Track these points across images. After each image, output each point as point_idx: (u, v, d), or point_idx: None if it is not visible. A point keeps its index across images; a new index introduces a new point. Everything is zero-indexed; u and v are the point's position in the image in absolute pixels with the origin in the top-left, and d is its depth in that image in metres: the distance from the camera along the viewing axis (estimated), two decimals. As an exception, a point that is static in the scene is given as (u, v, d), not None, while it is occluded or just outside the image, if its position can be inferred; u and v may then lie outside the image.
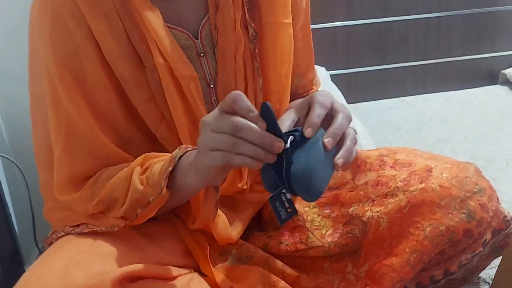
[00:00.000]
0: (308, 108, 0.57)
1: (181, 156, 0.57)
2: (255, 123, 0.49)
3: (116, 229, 0.60)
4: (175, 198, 0.59)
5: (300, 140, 0.53)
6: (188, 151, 0.57)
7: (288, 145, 0.51)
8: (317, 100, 0.56)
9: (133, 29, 0.62)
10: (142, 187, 0.58)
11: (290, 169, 0.51)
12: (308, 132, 0.53)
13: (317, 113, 0.55)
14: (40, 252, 1.21)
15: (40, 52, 0.63)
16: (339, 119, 0.55)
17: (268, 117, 0.50)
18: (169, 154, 0.58)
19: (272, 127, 0.50)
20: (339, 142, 0.56)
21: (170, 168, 0.56)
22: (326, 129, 0.56)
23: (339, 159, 0.54)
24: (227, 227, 0.68)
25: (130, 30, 0.62)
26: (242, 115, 0.50)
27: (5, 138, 1.17)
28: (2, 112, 1.16)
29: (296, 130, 0.54)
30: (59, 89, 0.61)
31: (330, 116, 0.56)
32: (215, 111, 0.51)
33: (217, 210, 0.61)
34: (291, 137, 0.52)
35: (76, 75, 0.61)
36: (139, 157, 0.61)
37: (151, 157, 0.61)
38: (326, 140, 0.53)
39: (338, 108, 0.57)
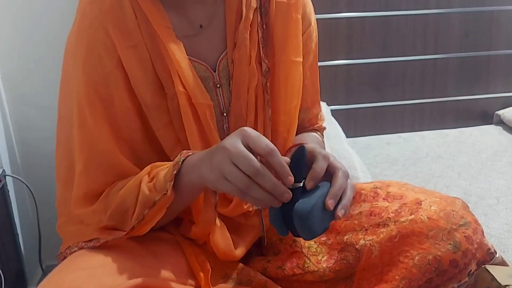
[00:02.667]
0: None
1: (183, 160, 0.62)
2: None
3: (124, 234, 0.64)
4: (179, 199, 0.64)
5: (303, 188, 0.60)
6: (189, 155, 0.63)
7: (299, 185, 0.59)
8: (319, 152, 0.62)
9: (158, 59, 0.69)
10: (149, 192, 0.63)
11: (293, 209, 0.58)
12: (309, 185, 0.60)
13: (320, 166, 0.61)
14: (44, 273, 1.23)
15: (72, 77, 0.70)
16: (339, 178, 0.61)
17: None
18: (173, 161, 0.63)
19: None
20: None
21: (175, 172, 0.61)
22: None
23: (341, 210, 0.60)
24: (227, 240, 0.72)
25: (155, 61, 0.69)
26: (261, 155, 0.56)
27: (18, 160, 1.22)
28: (16, 135, 1.21)
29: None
30: (86, 112, 0.68)
31: (328, 171, 0.62)
32: (236, 141, 0.57)
33: (216, 212, 0.66)
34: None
35: (104, 99, 0.68)
36: (146, 167, 0.66)
37: (157, 166, 0.66)
38: (329, 202, 0.59)
39: (337, 164, 0.62)
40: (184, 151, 0.64)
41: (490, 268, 0.66)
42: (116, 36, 0.67)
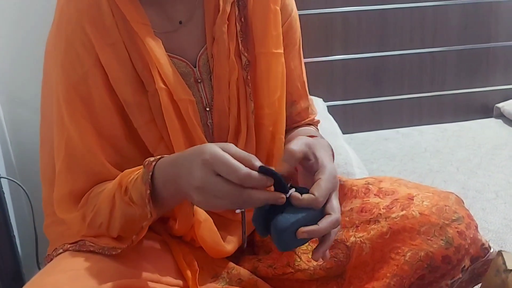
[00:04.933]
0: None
1: (152, 175, 0.60)
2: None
3: (114, 253, 0.63)
4: (162, 208, 0.64)
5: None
6: (154, 165, 0.61)
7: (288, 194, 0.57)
8: (324, 191, 0.59)
9: (137, 57, 0.69)
10: (130, 207, 0.62)
11: (275, 219, 0.57)
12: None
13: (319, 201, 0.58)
14: (41, 274, 1.23)
15: (52, 76, 0.69)
16: (329, 223, 0.58)
17: (270, 175, 0.55)
18: (141, 171, 0.62)
19: (277, 183, 0.56)
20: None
21: (149, 191, 0.60)
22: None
23: (316, 255, 0.60)
24: (214, 234, 0.71)
25: (135, 58, 0.69)
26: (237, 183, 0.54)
27: (13, 162, 1.22)
28: (11, 137, 1.21)
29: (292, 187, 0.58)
30: (64, 110, 0.67)
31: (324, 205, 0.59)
32: (209, 177, 0.54)
33: (193, 206, 0.65)
34: (291, 190, 0.57)
35: (83, 98, 0.68)
36: (115, 180, 0.65)
37: (125, 176, 0.64)
38: (301, 233, 0.56)
39: (335, 207, 0.60)
40: (147, 161, 0.61)
41: (504, 253, 0.66)
42: (94, 34, 0.67)
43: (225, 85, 0.73)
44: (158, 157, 0.62)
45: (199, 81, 0.74)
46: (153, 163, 0.61)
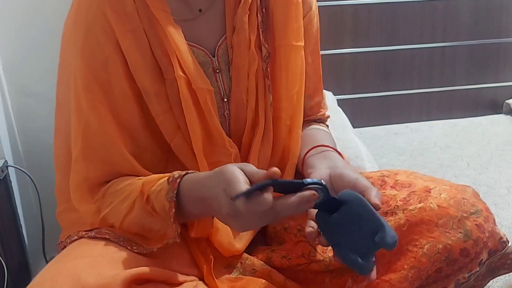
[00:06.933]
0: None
1: (177, 192, 0.60)
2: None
3: (145, 251, 0.63)
4: (184, 220, 0.64)
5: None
6: (179, 182, 0.60)
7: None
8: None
9: (157, 44, 0.68)
10: (151, 216, 0.63)
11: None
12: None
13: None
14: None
15: (71, 63, 0.68)
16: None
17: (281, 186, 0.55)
18: (164, 183, 0.62)
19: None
20: None
21: (173, 210, 0.60)
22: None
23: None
24: (230, 238, 0.71)
25: (154, 45, 0.68)
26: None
27: (20, 151, 1.21)
28: (18, 126, 1.20)
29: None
30: (83, 97, 0.67)
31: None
32: (231, 201, 0.53)
33: (213, 220, 0.65)
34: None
35: (102, 85, 0.67)
36: (137, 185, 0.64)
37: (148, 183, 0.64)
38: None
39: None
40: (171, 178, 0.61)
41: None
42: (114, 20, 0.66)
43: (244, 77, 0.72)
44: (183, 173, 0.62)
45: (217, 71, 0.73)
46: (178, 181, 0.61)
